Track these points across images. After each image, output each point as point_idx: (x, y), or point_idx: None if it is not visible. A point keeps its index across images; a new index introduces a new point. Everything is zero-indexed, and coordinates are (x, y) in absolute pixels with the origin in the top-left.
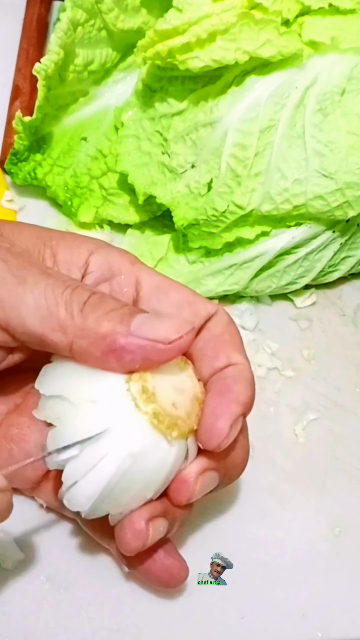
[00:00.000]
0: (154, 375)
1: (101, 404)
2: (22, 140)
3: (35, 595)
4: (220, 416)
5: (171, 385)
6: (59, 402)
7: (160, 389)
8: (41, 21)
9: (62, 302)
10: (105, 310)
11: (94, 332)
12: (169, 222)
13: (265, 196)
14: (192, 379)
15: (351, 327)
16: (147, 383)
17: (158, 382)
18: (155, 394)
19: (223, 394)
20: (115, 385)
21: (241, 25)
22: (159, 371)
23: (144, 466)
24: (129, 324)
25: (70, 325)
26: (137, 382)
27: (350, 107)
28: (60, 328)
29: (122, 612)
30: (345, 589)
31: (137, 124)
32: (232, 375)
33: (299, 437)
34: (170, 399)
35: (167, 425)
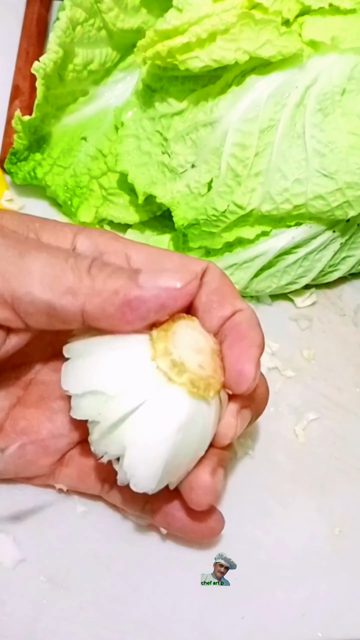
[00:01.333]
0: (174, 344)
1: (136, 388)
2: (22, 139)
3: (35, 595)
4: (246, 361)
5: (190, 347)
6: (93, 398)
7: (185, 356)
8: (41, 21)
9: (68, 267)
10: (112, 270)
11: (106, 289)
12: (169, 222)
13: (266, 196)
14: (204, 334)
15: (351, 327)
16: (173, 355)
17: (181, 350)
18: (184, 363)
19: (241, 340)
20: (143, 367)
21: (241, 25)
22: (176, 337)
23: (194, 432)
24: (137, 278)
25: (80, 286)
26: (163, 357)
27: (350, 107)
28: (70, 291)
29: (122, 612)
30: (345, 589)
31: (137, 123)
32: (242, 321)
33: (299, 437)
34: (195, 361)
35: (204, 388)
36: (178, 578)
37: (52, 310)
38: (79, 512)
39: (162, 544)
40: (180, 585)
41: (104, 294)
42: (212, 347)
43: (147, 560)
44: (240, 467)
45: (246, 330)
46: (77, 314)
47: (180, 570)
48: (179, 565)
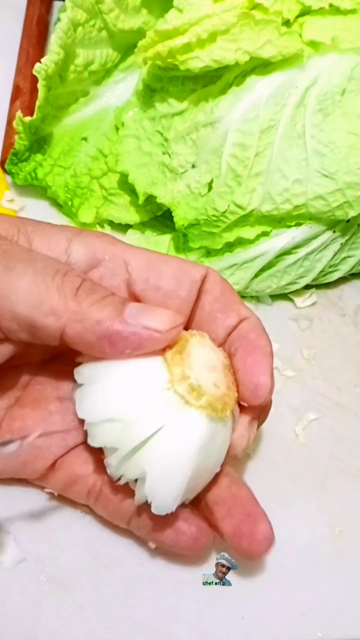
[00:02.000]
0: (190, 366)
1: (154, 413)
2: (23, 140)
3: (35, 595)
4: (261, 373)
5: (205, 366)
6: (111, 425)
7: (201, 378)
8: (42, 21)
9: (54, 287)
10: (99, 296)
11: (89, 316)
12: (169, 222)
13: (266, 196)
14: (214, 349)
15: (351, 327)
16: (191, 379)
17: (197, 372)
18: (201, 386)
19: (253, 351)
20: (160, 391)
21: (241, 25)
22: (191, 359)
23: (212, 451)
24: (123, 311)
25: (64, 309)
26: (181, 382)
27: (350, 107)
28: (53, 312)
29: (122, 612)
30: (345, 589)
31: (137, 124)
32: (250, 330)
33: (299, 437)
34: (210, 381)
35: (221, 409)
36: (178, 578)
37: (33, 328)
38: (79, 512)
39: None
40: (180, 585)
41: (87, 322)
42: (223, 362)
43: (147, 560)
44: (240, 467)
45: (256, 341)
46: (57, 334)
47: (180, 570)
48: (179, 565)
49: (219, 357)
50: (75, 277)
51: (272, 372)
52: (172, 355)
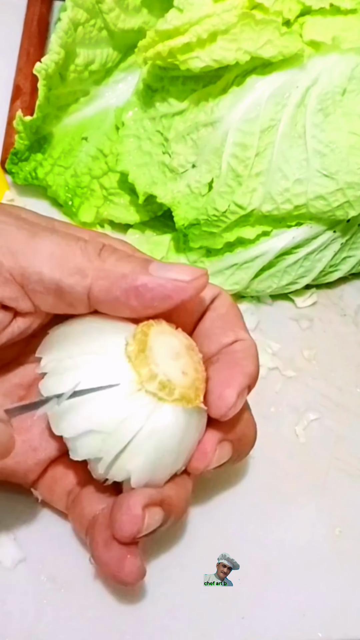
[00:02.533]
0: (155, 362)
1: (131, 417)
2: (23, 140)
3: (35, 595)
4: (228, 385)
5: (169, 356)
6: (91, 437)
7: (169, 371)
8: (42, 21)
9: (78, 248)
10: (122, 255)
11: (115, 271)
12: (169, 222)
13: (266, 196)
14: (173, 334)
15: (352, 327)
16: (159, 376)
17: (163, 366)
18: (170, 380)
19: (232, 366)
20: (131, 395)
21: (242, 25)
22: (154, 353)
23: (189, 437)
24: (147, 266)
25: (89, 267)
26: (150, 382)
27: (351, 107)
28: (78, 271)
29: (122, 612)
30: (345, 589)
31: (137, 123)
32: (240, 350)
33: (299, 437)
34: (178, 370)
35: (195, 396)
36: (178, 578)
37: (59, 289)
38: None
39: (162, 544)
40: (181, 585)
41: (112, 276)
42: (185, 345)
43: (147, 561)
44: (240, 467)
45: (240, 358)
46: (84, 295)
47: (180, 570)
48: (179, 565)
49: (180, 340)
50: (97, 243)
51: (242, 390)
52: (135, 355)
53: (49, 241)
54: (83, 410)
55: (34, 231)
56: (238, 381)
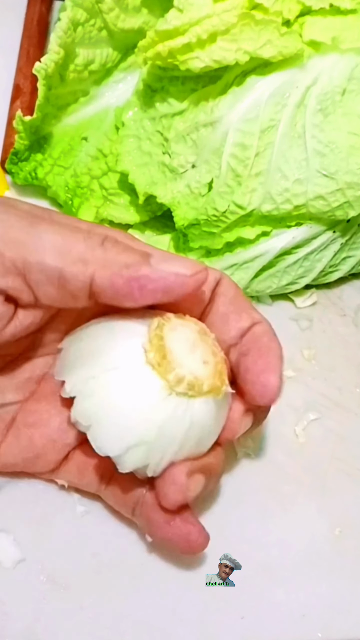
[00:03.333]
0: (178, 363)
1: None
2: (23, 139)
3: (35, 595)
4: (270, 373)
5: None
6: (137, 450)
7: (193, 368)
8: (42, 21)
9: (81, 238)
10: (124, 247)
11: (117, 261)
12: (169, 222)
13: (266, 196)
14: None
15: (352, 328)
16: (186, 378)
17: (187, 366)
18: (197, 377)
19: (266, 352)
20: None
21: (242, 25)
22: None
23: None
24: (149, 258)
25: (91, 256)
26: (178, 385)
27: (351, 107)
28: (81, 260)
29: (122, 612)
30: (345, 589)
31: (137, 123)
32: (263, 334)
33: (299, 437)
34: (199, 362)
35: (221, 382)
36: (178, 578)
37: (62, 278)
38: (79, 512)
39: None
40: (181, 585)
41: (115, 266)
42: (197, 331)
43: (147, 560)
44: (240, 467)
45: (268, 343)
46: (86, 284)
47: (180, 570)
48: (179, 565)
49: (192, 329)
50: (98, 233)
51: (281, 373)
52: (158, 362)
53: (51, 230)
54: (121, 428)
55: (35, 221)
56: (276, 366)
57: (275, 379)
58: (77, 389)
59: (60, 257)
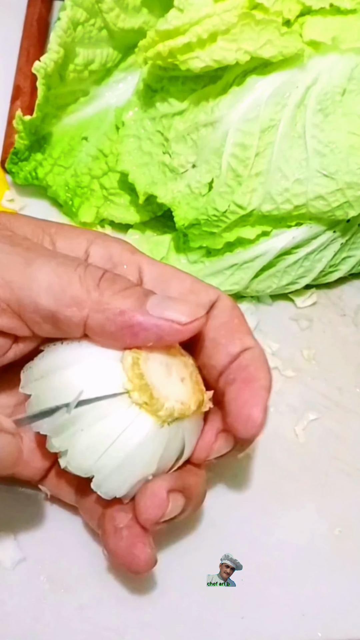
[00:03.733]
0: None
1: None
2: (23, 139)
3: (35, 595)
4: (254, 405)
5: (166, 378)
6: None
7: (175, 394)
8: (42, 20)
9: (76, 278)
10: (122, 287)
11: (112, 306)
12: (169, 222)
13: (266, 196)
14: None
15: (352, 328)
16: (174, 411)
17: (168, 395)
18: (182, 402)
19: (251, 382)
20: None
21: (242, 25)
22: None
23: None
24: (145, 302)
25: (86, 299)
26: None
27: (351, 107)
28: (75, 303)
29: (122, 612)
30: (345, 589)
31: (138, 123)
32: (251, 362)
33: (299, 437)
34: (177, 385)
35: (199, 404)
36: (178, 578)
37: (55, 320)
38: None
39: (162, 544)
40: (181, 585)
41: (109, 312)
42: (169, 352)
43: None
44: (240, 467)
45: (255, 372)
46: (80, 326)
47: (180, 570)
48: (179, 566)
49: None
50: (96, 268)
51: (266, 406)
52: (145, 401)
53: (45, 269)
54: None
55: (30, 258)
56: (261, 398)
57: (258, 413)
58: (66, 444)
59: (55, 299)
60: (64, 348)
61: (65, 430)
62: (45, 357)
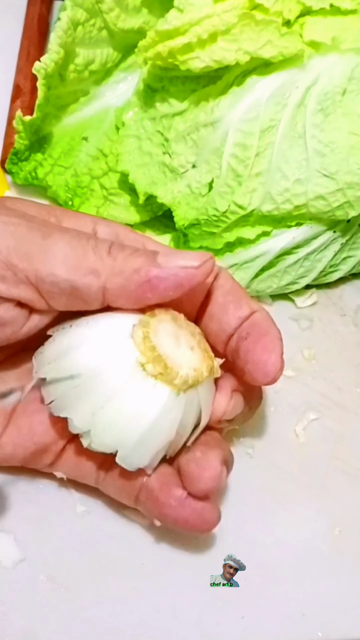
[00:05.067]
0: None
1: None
2: (23, 139)
3: (35, 595)
4: (271, 351)
5: (175, 344)
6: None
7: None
8: (42, 21)
9: (90, 248)
10: (131, 251)
11: (127, 268)
12: (169, 222)
13: (266, 196)
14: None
15: (352, 328)
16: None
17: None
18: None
19: (265, 334)
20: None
21: (242, 25)
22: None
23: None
24: (155, 258)
25: (101, 266)
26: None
27: (351, 107)
28: (92, 271)
29: (122, 612)
30: (345, 589)
31: (138, 123)
32: (263, 320)
33: (299, 437)
34: (188, 353)
35: (210, 370)
36: (178, 578)
37: (74, 290)
38: (79, 512)
39: (162, 544)
40: (180, 585)
41: (125, 273)
42: (170, 318)
43: (147, 560)
44: (240, 467)
45: (267, 327)
46: (99, 294)
47: (180, 570)
48: (179, 566)
49: (165, 319)
50: (105, 240)
51: (282, 354)
52: (160, 372)
53: (61, 242)
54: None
55: (47, 232)
56: (277, 346)
57: (276, 358)
58: (87, 424)
59: (72, 269)
60: (73, 330)
61: (83, 409)
62: (56, 340)
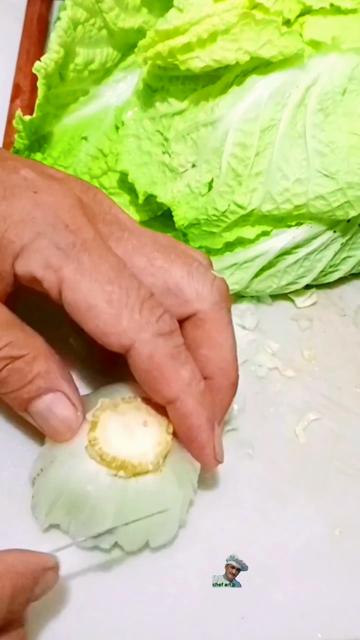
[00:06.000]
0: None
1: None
2: (23, 139)
3: None
4: (204, 446)
5: (126, 441)
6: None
7: (136, 455)
8: (42, 20)
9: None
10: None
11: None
12: (169, 222)
13: (266, 196)
14: (115, 412)
15: (352, 328)
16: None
17: (127, 455)
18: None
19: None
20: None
21: (242, 25)
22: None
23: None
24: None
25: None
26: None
27: (351, 107)
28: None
29: (122, 612)
30: (345, 590)
31: (137, 123)
32: (182, 411)
33: (299, 438)
34: (139, 444)
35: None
36: (178, 578)
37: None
38: None
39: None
40: (180, 585)
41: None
42: (130, 409)
43: (147, 560)
44: (240, 467)
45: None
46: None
47: (180, 570)
48: (178, 566)
49: (122, 412)
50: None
51: (211, 429)
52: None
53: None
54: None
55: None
56: (206, 432)
57: (210, 450)
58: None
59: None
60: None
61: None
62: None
